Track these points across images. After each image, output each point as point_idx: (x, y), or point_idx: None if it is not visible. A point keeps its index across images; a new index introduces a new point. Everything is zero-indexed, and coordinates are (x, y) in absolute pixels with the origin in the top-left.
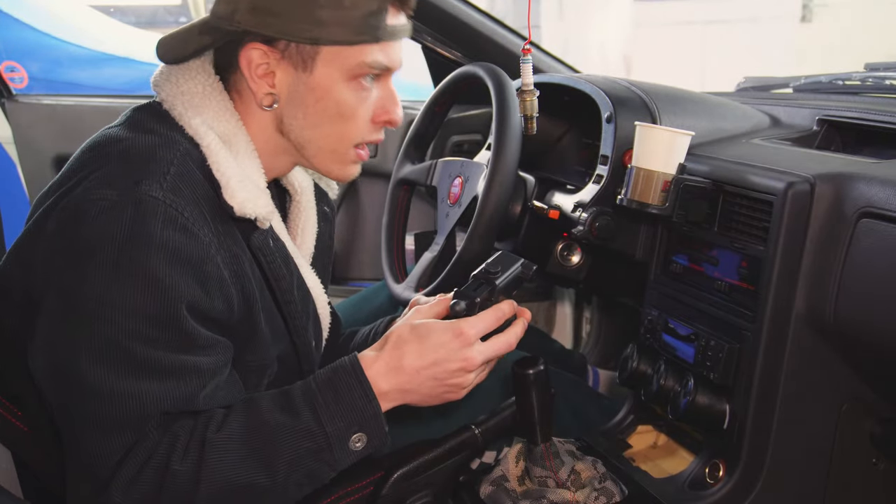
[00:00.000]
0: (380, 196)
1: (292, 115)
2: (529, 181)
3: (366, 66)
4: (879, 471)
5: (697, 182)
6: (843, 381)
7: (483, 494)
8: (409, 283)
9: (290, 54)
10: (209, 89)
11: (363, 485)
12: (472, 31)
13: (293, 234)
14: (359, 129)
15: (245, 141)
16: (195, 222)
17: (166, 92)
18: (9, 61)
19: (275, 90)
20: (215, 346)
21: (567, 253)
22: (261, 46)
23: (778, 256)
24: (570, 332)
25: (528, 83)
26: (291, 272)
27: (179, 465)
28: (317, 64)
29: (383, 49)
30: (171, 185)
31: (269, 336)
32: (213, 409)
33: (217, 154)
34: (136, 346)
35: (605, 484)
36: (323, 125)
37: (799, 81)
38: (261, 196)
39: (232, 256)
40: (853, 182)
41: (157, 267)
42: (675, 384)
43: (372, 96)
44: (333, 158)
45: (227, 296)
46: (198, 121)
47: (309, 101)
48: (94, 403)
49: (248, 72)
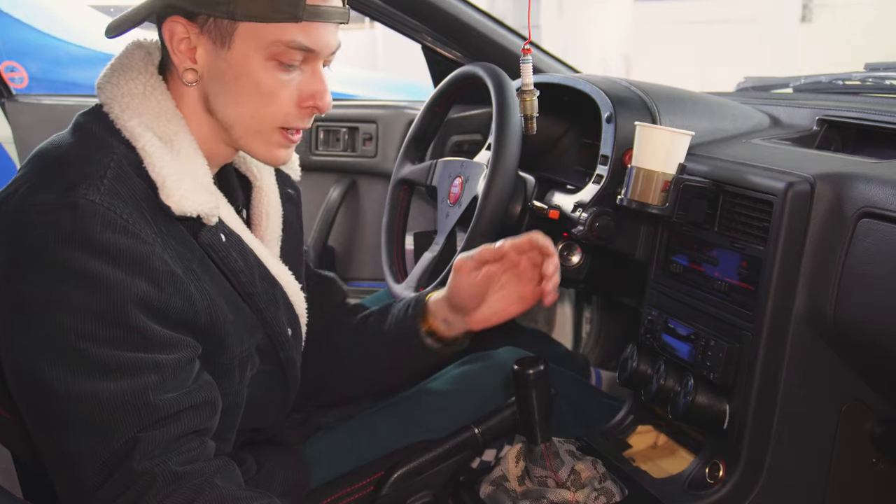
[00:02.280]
0: (380, 196)
1: (216, 93)
2: (529, 181)
3: (282, 45)
4: (879, 471)
5: (697, 182)
6: (844, 382)
7: (483, 494)
8: (409, 282)
9: (209, 29)
10: (150, 89)
11: (363, 485)
12: (472, 31)
13: (257, 221)
14: (280, 111)
15: (187, 139)
16: (135, 223)
17: (106, 95)
18: (9, 61)
19: (196, 66)
20: (176, 345)
21: (567, 253)
22: (182, 20)
23: (778, 256)
24: (571, 332)
25: (528, 83)
26: (251, 264)
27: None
28: (234, 40)
29: (304, 29)
30: (108, 188)
31: (242, 329)
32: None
33: (152, 155)
34: (87, 345)
35: (605, 484)
36: (243, 104)
37: (799, 81)
38: (201, 193)
39: (179, 255)
40: (853, 182)
41: (98, 267)
42: (675, 384)
43: (295, 79)
44: (258, 140)
45: (183, 292)
46: (134, 122)
47: (228, 77)
48: (54, 404)
49: (171, 45)
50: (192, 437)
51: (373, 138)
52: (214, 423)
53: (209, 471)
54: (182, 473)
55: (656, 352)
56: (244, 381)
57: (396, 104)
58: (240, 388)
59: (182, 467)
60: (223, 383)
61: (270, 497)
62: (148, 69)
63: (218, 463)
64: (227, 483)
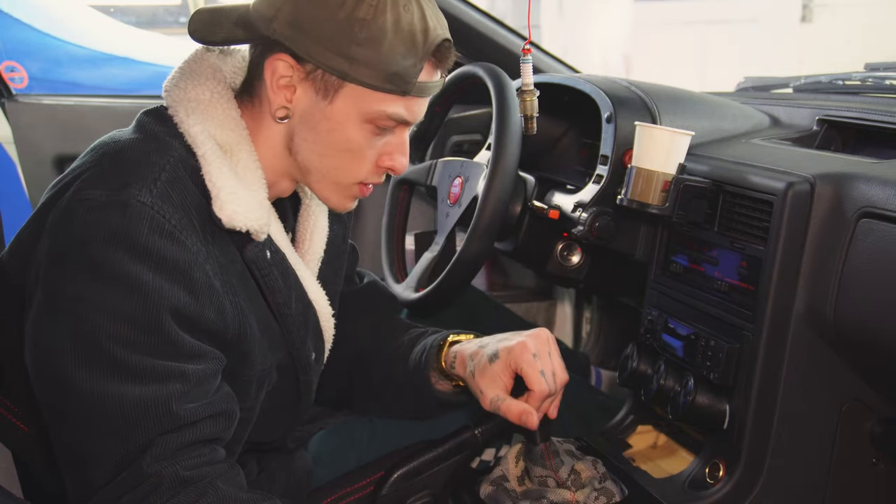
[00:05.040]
0: (380, 196)
1: (303, 137)
2: (529, 181)
3: (385, 115)
4: (879, 471)
5: (697, 182)
6: (844, 382)
7: (483, 494)
8: (409, 283)
9: (315, 77)
10: (216, 97)
11: (363, 485)
12: (472, 31)
13: (301, 239)
14: (363, 168)
15: (248, 151)
16: (182, 230)
17: (173, 98)
18: (9, 61)
19: (290, 105)
20: (203, 356)
21: (567, 253)
22: (289, 60)
23: (778, 256)
24: (571, 332)
25: (528, 83)
26: (290, 286)
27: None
28: (338, 96)
29: (408, 103)
30: (161, 192)
31: (267, 346)
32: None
33: (211, 164)
34: (116, 348)
35: (605, 484)
36: (329, 156)
37: (799, 81)
38: (255, 209)
39: (221, 268)
40: (853, 182)
41: (139, 271)
42: (674, 384)
43: (383, 142)
44: (334, 190)
45: (218, 306)
46: (198, 128)
47: (321, 128)
48: (76, 402)
49: (271, 80)
50: (203, 444)
51: None
52: (230, 434)
53: (213, 475)
54: (188, 478)
55: (656, 352)
56: (259, 397)
57: None
58: (254, 403)
59: (189, 472)
60: (239, 397)
61: (272, 499)
62: (216, 76)
63: (222, 467)
64: (230, 487)
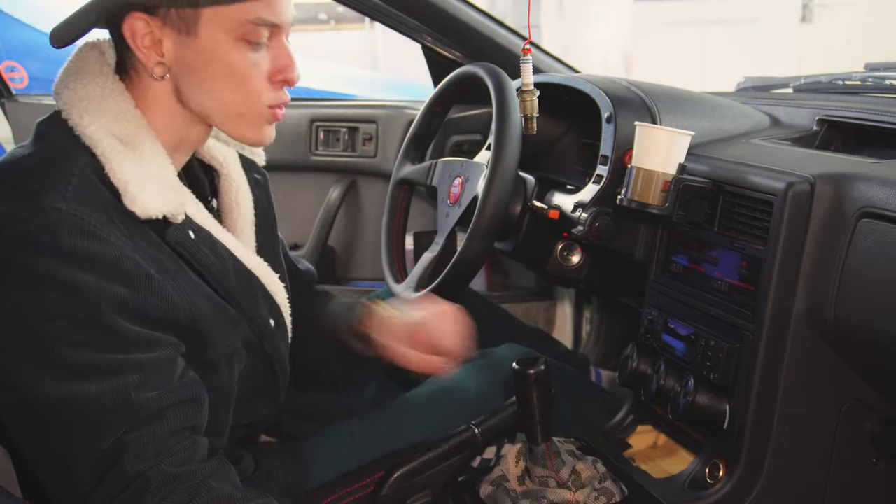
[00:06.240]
0: (380, 196)
1: (188, 83)
2: (529, 181)
3: (250, 24)
4: (879, 471)
5: (697, 182)
6: (844, 382)
7: (483, 494)
8: (409, 282)
9: (172, 20)
10: (108, 91)
11: (363, 485)
12: (472, 31)
13: (227, 210)
14: (256, 90)
15: (149, 138)
16: (103, 228)
17: (64, 100)
18: (9, 61)
19: (164, 59)
20: (156, 344)
21: (567, 253)
22: (142, 16)
23: (778, 256)
24: (571, 332)
25: (528, 83)
26: (223, 257)
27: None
28: (200, 26)
29: (267, 5)
30: (74, 195)
31: (225, 324)
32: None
33: (112, 160)
34: (65, 349)
35: (606, 484)
36: (219, 90)
37: (799, 81)
38: (166, 192)
39: (152, 257)
40: (853, 182)
41: (70, 273)
42: (675, 384)
43: (264, 56)
44: (243, 123)
45: (160, 291)
46: (93, 128)
47: (198, 65)
48: (37, 409)
49: (134, 43)
50: (183, 437)
51: (373, 138)
52: (202, 419)
53: (204, 472)
54: (176, 475)
55: (656, 352)
56: (233, 376)
57: (396, 104)
58: (228, 383)
59: (176, 469)
60: (210, 379)
61: (267, 497)
62: (104, 70)
63: (213, 464)
64: (223, 484)
